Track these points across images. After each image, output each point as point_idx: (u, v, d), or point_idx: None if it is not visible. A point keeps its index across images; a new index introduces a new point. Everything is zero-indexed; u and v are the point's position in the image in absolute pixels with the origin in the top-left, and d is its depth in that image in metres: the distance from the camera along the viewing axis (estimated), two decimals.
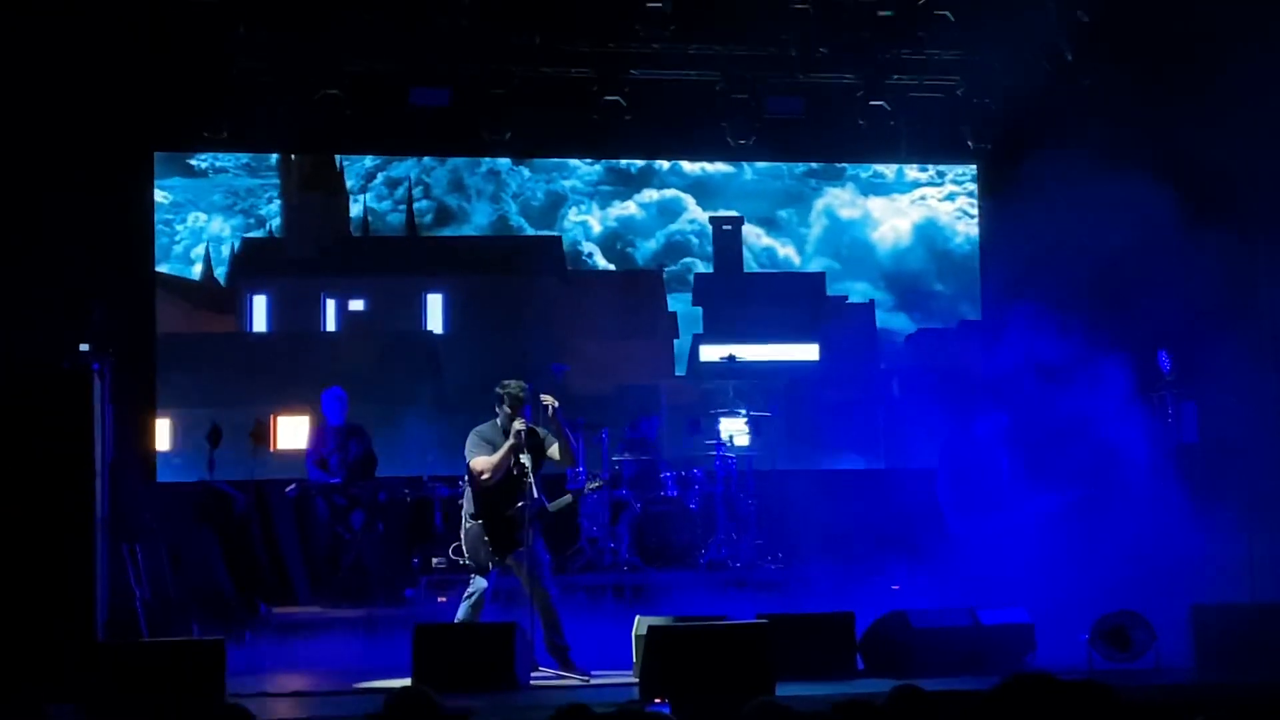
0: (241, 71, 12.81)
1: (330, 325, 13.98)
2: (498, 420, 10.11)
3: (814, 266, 14.77)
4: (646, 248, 14.60)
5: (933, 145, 14.18)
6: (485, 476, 9.95)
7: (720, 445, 13.26)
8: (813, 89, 13.72)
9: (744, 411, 13.45)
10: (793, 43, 13.32)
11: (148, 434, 12.99)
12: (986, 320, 14.50)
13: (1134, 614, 10.22)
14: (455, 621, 10.00)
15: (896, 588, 12.30)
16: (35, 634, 9.31)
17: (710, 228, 14.55)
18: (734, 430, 13.40)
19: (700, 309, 14.48)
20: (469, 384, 13.19)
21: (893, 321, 14.77)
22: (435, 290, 14.07)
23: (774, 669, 9.00)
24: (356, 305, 13.98)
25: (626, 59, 13.34)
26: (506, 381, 10.16)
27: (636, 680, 9.36)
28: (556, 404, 9.95)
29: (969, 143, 13.93)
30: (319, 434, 12.80)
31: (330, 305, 13.95)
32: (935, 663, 9.69)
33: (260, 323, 13.85)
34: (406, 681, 9.03)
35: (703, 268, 14.61)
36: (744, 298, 14.47)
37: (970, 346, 14.20)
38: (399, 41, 13.03)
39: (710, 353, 14.22)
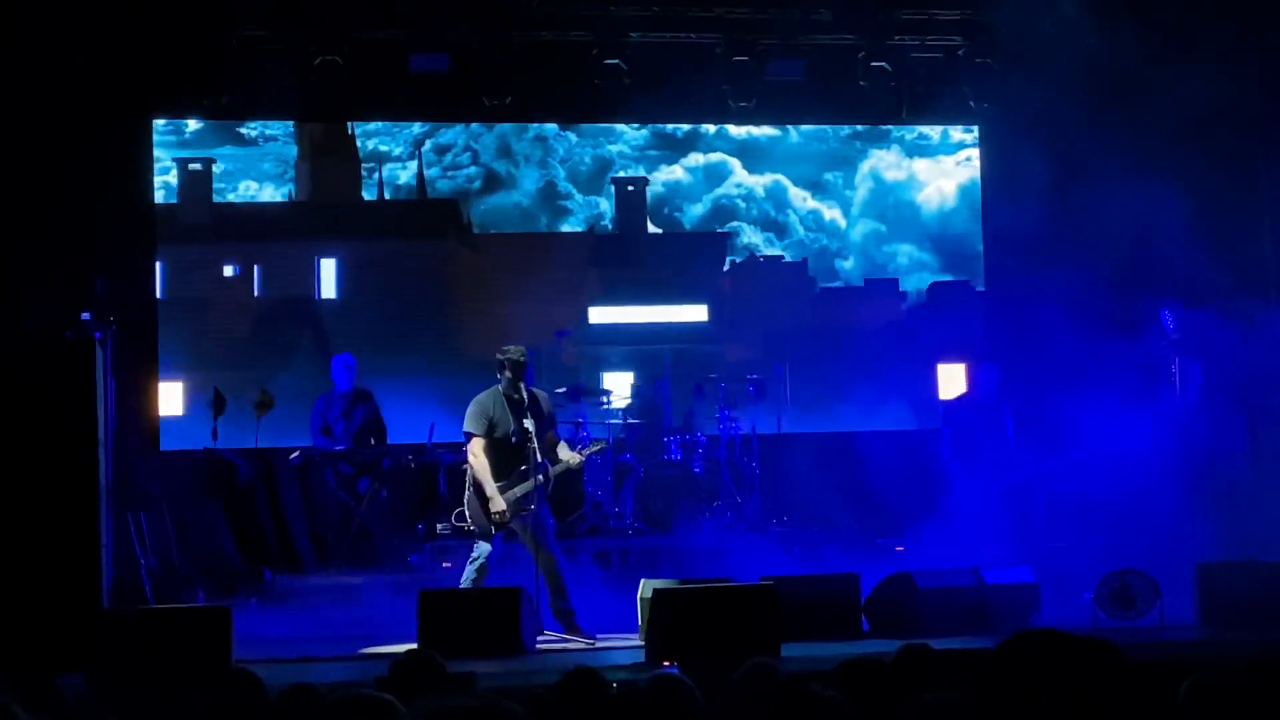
0: (241, 39, 12.76)
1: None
2: (499, 386, 10.10)
3: (859, 229, 14.75)
4: (693, 212, 14.60)
5: (935, 106, 14.11)
6: (473, 460, 10.02)
7: (724, 410, 13.25)
8: (814, 51, 13.66)
9: (754, 375, 13.45)
10: (793, 4, 13.26)
11: (151, 402, 12.98)
12: (990, 283, 14.48)
13: (1138, 572, 10.23)
14: (460, 587, 10.03)
15: (901, 549, 12.32)
16: (41, 603, 9.32)
17: (623, 188, 14.40)
18: (616, 389, 13.47)
19: (597, 271, 14.30)
20: (358, 349, 13.23)
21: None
22: (329, 255, 13.93)
23: (779, 630, 9.02)
24: (228, 271, 13.78)
25: (626, 22, 13.27)
26: (507, 347, 10.15)
27: (642, 643, 9.39)
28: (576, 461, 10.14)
29: (970, 103, 13.87)
30: (325, 400, 12.80)
31: (228, 270, 13.81)
32: (940, 623, 9.71)
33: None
34: (412, 646, 9.03)
35: (750, 232, 14.61)
36: (640, 259, 14.34)
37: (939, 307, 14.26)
38: (398, 8, 12.98)
39: (600, 315, 14.16)
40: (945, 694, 4.29)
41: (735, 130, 14.58)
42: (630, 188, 14.45)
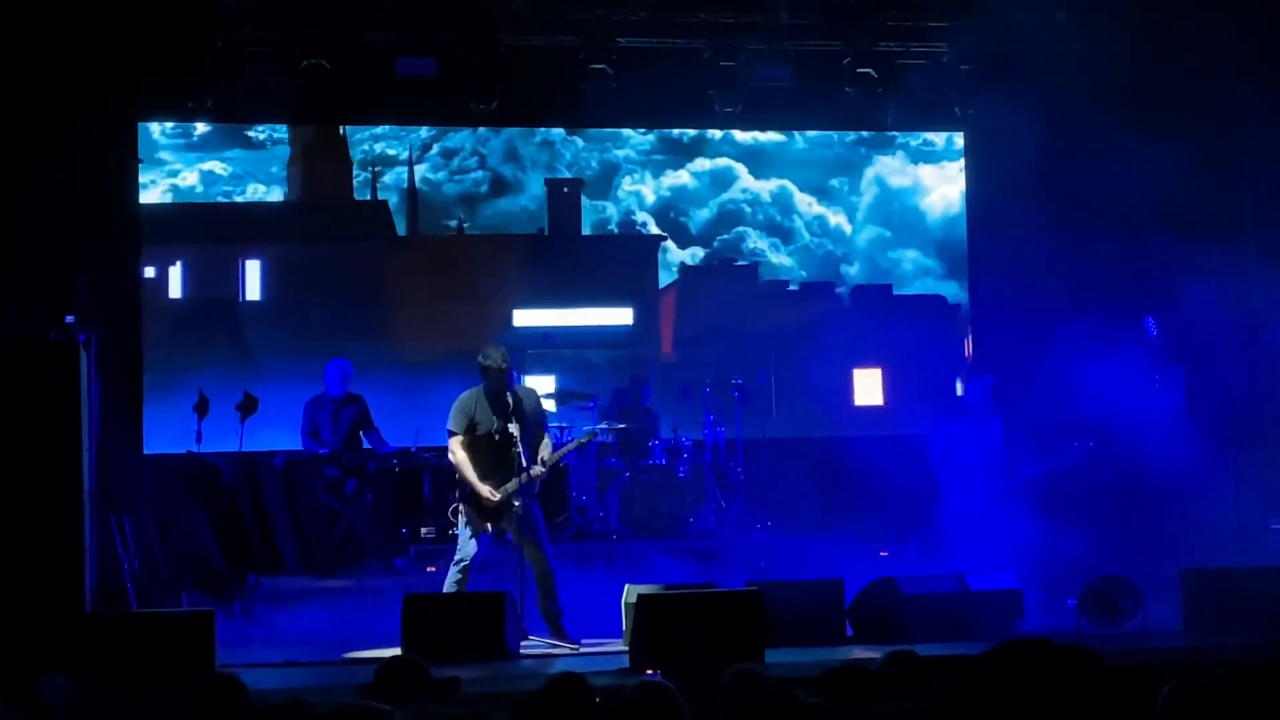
0: (226, 42, 12.74)
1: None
2: (482, 386, 10.10)
3: (865, 235, 14.81)
4: (699, 217, 14.65)
5: (920, 113, 14.14)
6: (452, 457, 10.03)
7: (709, 414, 13.26)
8: (800, 56, 13.67)
9: (738, 380, 13.44)
10: (780, 9, 13.27)
11: (134, 405, 12.95)
12: (975, 291, 14.50)
13: (1122, 579, 10.25)
14: (443, 589, 10.02)
15: (885, 554, 12.34)
16: (24, 606, 9.28)
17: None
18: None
19: (527, 274, 14.24)
20: (282, 353, 13.26)
21: (944, 289, 14.77)
22: (253, 257, 13.87)
23: (764, 636, 9.02)
24: (149, 272, 13.63)
25: (613, 27, 13.27)
26: (488, 350, 10.13)
27: (626, 649, 9.38)
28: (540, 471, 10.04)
29: (955, 110, 13.90)
30: (314, 404, 12.78)
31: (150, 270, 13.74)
32: (924, 629, 9.72)
33: None
34: (396, 651, 9.03)
35: (755, 237, 14.64)
36: (572, 262, 14.30)
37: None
38: (385, 11, 12.97)
39: (524, 318, 14.12)
40: (916, 701, 4.30)
41: (741, 136, 14.64)
42: (565, 189, 14.42)
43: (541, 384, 13.48)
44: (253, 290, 13.82)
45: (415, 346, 13.63)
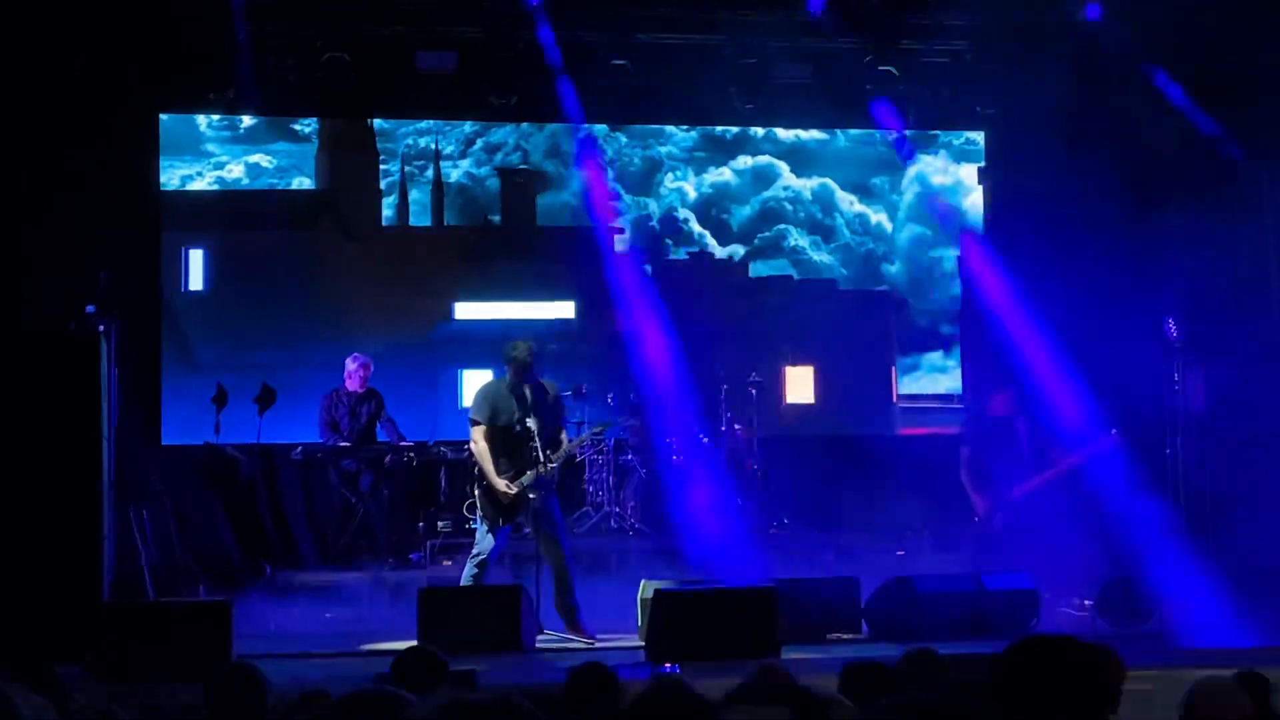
0: (247, 35, 12.76)
1: None
2: (506, 377, 10.12)
3: (906, 233, 14.80)
4: (741, 214, 14.64)
5: (940, 112, 14.12)
6: (474, 447, 10.03)
7: (726, 411, 13.25)
8: (820, 54, 13.66)
9: (756, 378, 13.43)
10: (800, 7, 13.26)
11: (153, 396, 12.99)
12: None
13: (1138, 580, 10.23)
14: (460, 583, 10.03)
15: (902, 553, 12.32)
16: (42, 595, 9.31)
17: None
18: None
19: (475, 265, 14.12)
20: (221, 343, 13.29)
21: None
22: (196, 246, 13.72)
23: (779, 633, 9.03)
24: None
25: (633, 22, 13.27)
26: (514, 342, 10.16)
27: (642, 644, 9.39)
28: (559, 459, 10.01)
29: (977, 109, 13.88)
30: (332, 397, 12.80)
31: None
32: (940, 628, 9.70)
33: None
34: (412, 643, 9.03)
35: (796, 235, 14.62)
36: (522, 253, 14.16)
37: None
38: (406, 5, 12.98)
39: (465, 310, 14.02)
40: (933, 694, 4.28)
41: (783, 133, 14.65)
42: (518, 179, 14.36)
43: (482, 378, 13.44)
44: (195, 280, 13.69)
45: (357, 338, 13.49)
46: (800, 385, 14.31)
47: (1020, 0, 13.09)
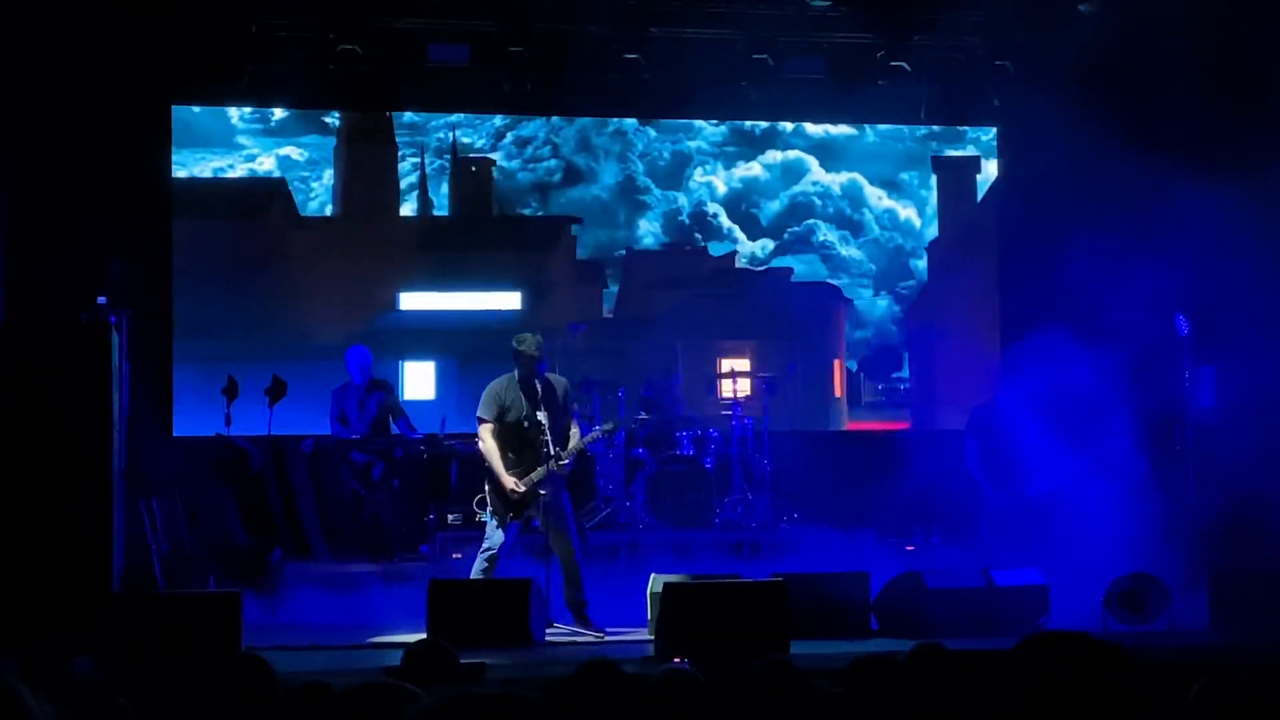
0: (260, 27, 12.77)
1: None
2: (515, 372, 10.08)
3: (933, 229, 14.80)
4: (770, 209, 14.67)
5: (953, 106, 14.11)
6: (481, 444, 10.02)
7: (736, 405, 13.25)
8: (832, 49, 13.64)
9: (766, 373, 13.43)
10: (813, 2, 13.24)
11: (164, 388, 13.01)
12: (1005, 285, 14.45)
13: (1149, 576, 10.21)
14: (470, 577, 10.03)
15: (911, 548, 12.31)
16: (53, 586, 9.32)
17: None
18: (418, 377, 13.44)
19: (425, 255, 14.09)
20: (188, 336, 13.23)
21: None
22: None
23: (789, 627, 9.02)
24: None
25: (646, 16, 13.26)
26: (523, 336, 10.13)
27: (652, 638, 9.39)
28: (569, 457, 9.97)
29: (993, 102, 13.86)
30: (341, 391, 12.82)
31: None
32: (949, 624, 9.67)
33: None
34: (422, 636, 9.04)
35: (825, 230, 14.63)
36: (463, 244, 14.12)
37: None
38: None
39: (410, 301, 13.95)
40: (945, 693, 4.28)
41: (812, 128, 14.68)
42: (473, 168, 14.29)
43: (422, 370, 13.37)
44: None
45: (302, 326, 13.47)
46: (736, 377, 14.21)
47: None
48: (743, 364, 14.08)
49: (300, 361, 13.13)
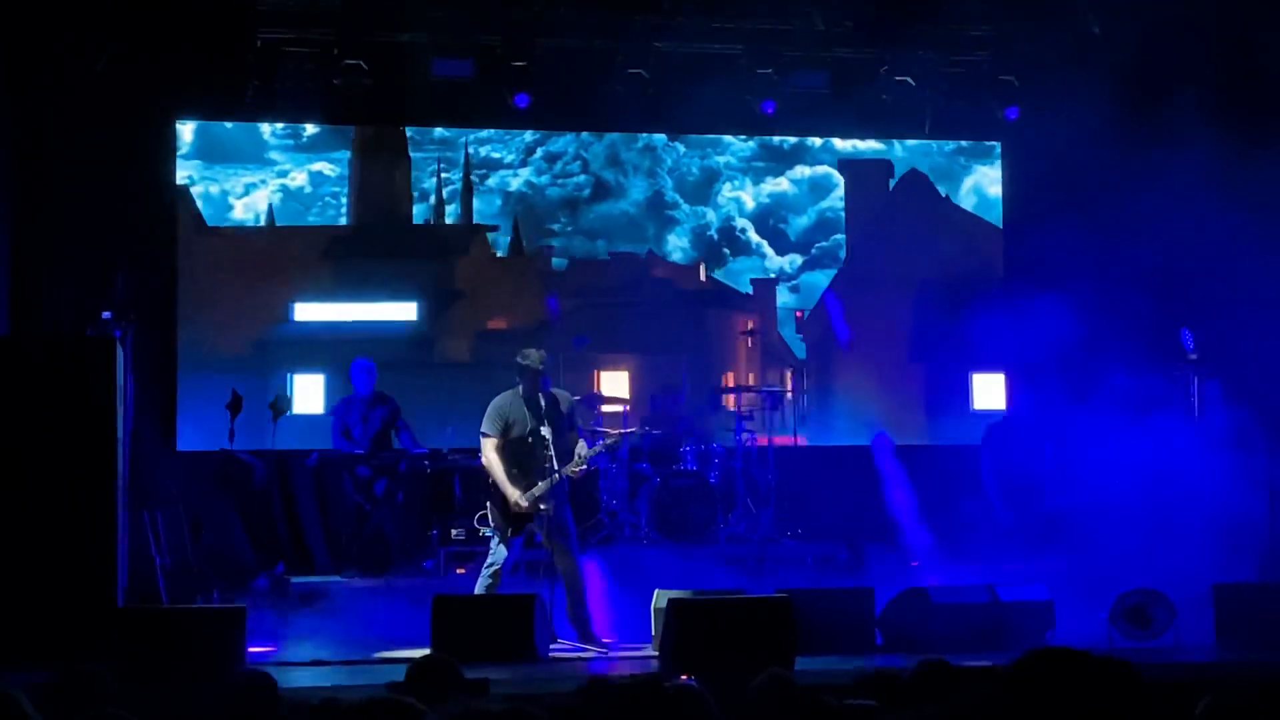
0: (264, 42, 12.80)
1: None
2: (519, 388, 10.06)
3: None
4: (798, 224, 14.68)
5: (958, 121, 14.12)
6: (484, 460, 10.01)
7: (740, 420, 13.24)
8: (836, 63, 13.66)
9: (769, 387, 13.42)
10: (816, 17, 13.26)
11: (169, 401, 13.01)
12: (1010, 300, 14.45)
13: (1154, 592, 10.18)
14: (474, 593, 10.01)
15: (916, 564, 12.29)
16: (56, 600, 9.32)
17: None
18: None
19: (331, 265, 13.93)
20: None
21: None
22: None
23: (794, 643, 9.00)
24: None
25: (649, 31, 13.28)
26: (527, 351, 10.10)
27: (656, 653, 9.36)
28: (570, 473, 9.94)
29: (999, 116, 13.86)
30: (345, 405, 12.81)
31: None
32: (954, 639, 9.64)
33: None
34: (426, 652, 9.02)
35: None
36: (365, 253, 13.96)
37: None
38: (422, 12, 13.00)
39: (304, 312, 13.77)
40: (946, 707, 4.26)
41: (840, 143, 14.70)
42: (396, 175, 14.19)
43: (311, 382, 13.33)
44: None
45: (200, 337, 13.41)
46: (617, 384, 14.15)
47: (1035, 10, 13.08)
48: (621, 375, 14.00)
49: (201, 371, 13.22)
